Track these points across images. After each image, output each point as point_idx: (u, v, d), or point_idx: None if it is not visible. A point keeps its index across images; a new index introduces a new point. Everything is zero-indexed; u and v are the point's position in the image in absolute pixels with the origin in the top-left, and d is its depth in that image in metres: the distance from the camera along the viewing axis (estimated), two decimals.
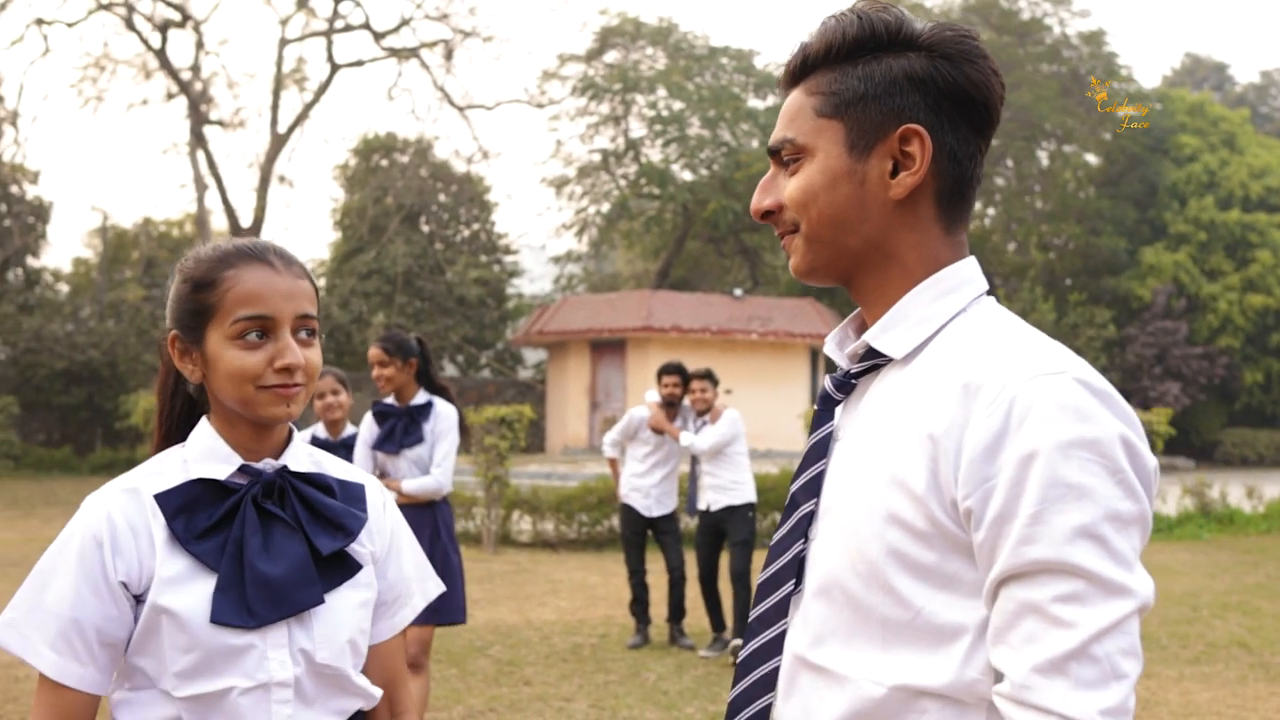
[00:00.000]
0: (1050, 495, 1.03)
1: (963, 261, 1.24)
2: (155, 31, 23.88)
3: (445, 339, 25.13)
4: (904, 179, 1.20)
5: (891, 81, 1.20)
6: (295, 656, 1.49)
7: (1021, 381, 1.06)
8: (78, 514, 1.50)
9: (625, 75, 27.05)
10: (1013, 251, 30.73)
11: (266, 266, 1.52)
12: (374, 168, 26.53)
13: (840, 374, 1.28)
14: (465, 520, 12.11)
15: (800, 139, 1.23)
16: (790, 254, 1.28)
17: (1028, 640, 1.02)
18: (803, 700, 1.19)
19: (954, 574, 1.09)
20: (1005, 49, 28.13)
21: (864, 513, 1.14)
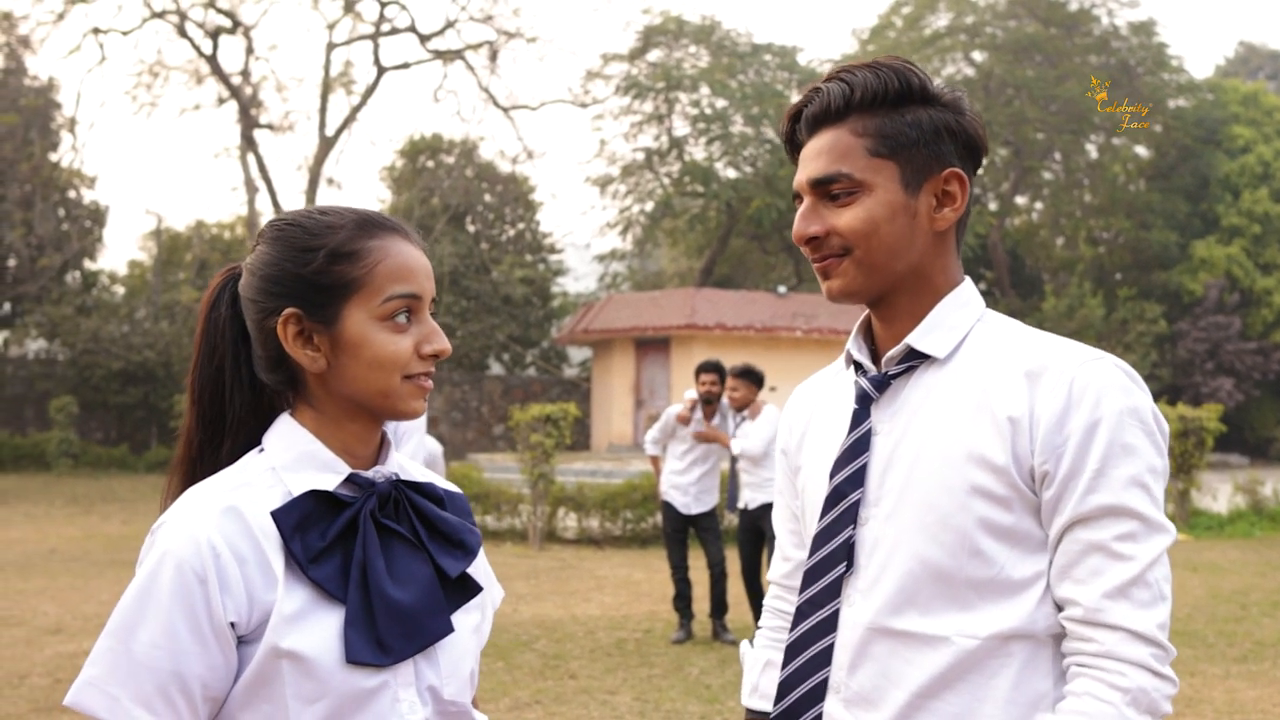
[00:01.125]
0: (1110, 453, 1.30)
1: (967, 279, 1.49)
2: (207, 38, 24.30)
3: (491, 337, 25.34)
4: (947, 214, 1.44)
5: (935, 131, 1.43)
6: (423, 695, 1.29)
7: (1075, 365, 1.33)
8: (161, 541, 1.23)
9: (668, 74, 27.10)
10: (1061, 246, 30.42)
11: (407, 239, 1.34)
12: (420, 169, 26.80)
13: (878, 375, 1.46)
14: (511, 517, 12.26)
15: (858, 174, 1.40)
16: (833, 277, 1.44)
17: (1093, 573, 1.29)
18: (881, 667, 1.37)
19: (1027, 531, 1.34)
20: (1052, 41, 27.84)
21: (944, 488, 1.35)
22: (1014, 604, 1.32)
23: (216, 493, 1.26)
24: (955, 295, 1.45)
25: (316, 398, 1.33)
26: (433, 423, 23.75)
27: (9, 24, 22.59)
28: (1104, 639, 1.27)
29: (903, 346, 1.43)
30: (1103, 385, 1.32)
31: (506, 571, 9.78)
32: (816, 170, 1.42)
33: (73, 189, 23.66)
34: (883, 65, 1.43)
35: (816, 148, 1.43)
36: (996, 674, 1.32)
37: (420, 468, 1.48)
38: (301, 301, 1.29)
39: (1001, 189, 30.15)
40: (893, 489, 1.39)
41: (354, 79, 25.89)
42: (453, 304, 24.99)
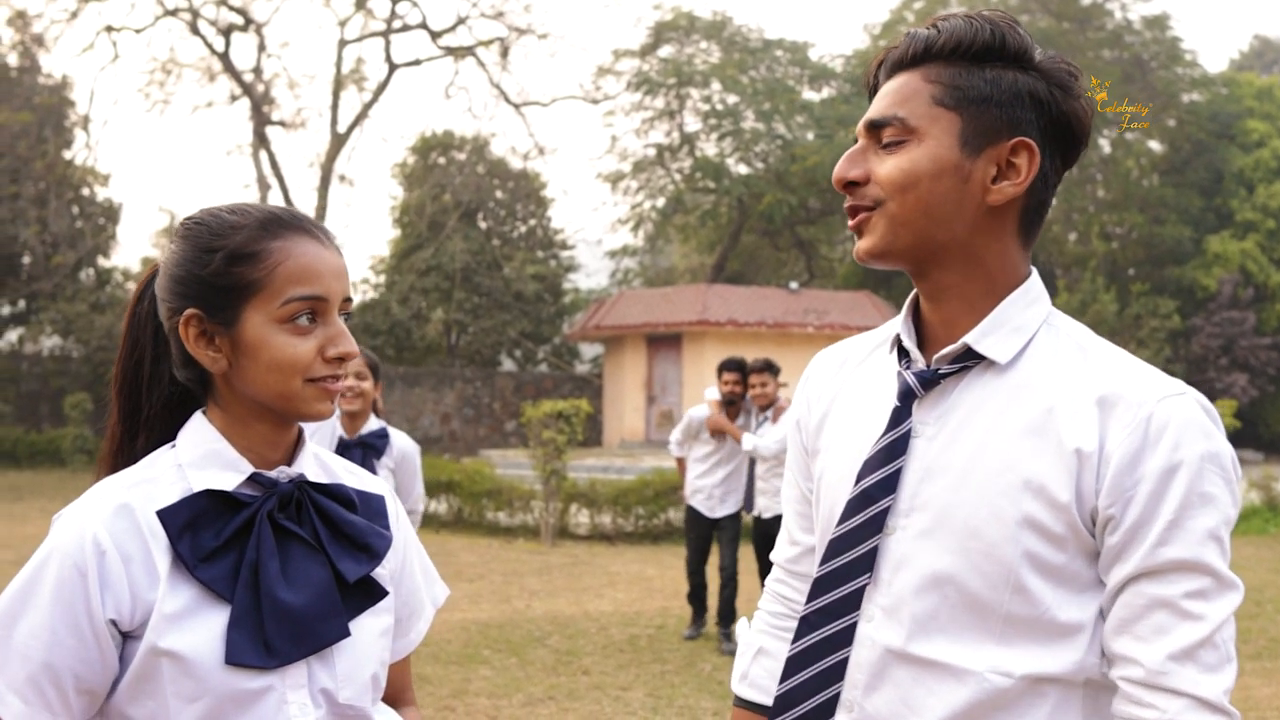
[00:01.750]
0: (1187, 503, 1.17)
1: (1035, 273, 1.33)
2: (219, 35, 24.36)
3: (503, 334, 25.37)
4: (1005, 187, 1.26)
5: (1016, 94, 1.26)
6: (315, 698, 1.28)
7: (1154, 401, 1.20)
8: (52, 535, 1.24)
9: (679, 70, 27.07)
10: (1074, 241, 30.30)
11: (313, 239, 1.31)
12: (432, 165, 26.83)
13: (926, 371, 1.30)
14: (524, 513, 12.28)
15: (913, 120, 1.26)
16: (863, 232, 1.30)
17: (1158, 631, 1.17)
18: (902, 693, 1.26)
19: (1077, 573, 1.22)
20: (1065, 35, 27.72)
21: (991, 515, 1.21)
22: (1056, 647, 1.22)
23: (115, 489, 1.27)
24: (1024, 291, 1.30)
25: (223, 397, 1.32)
26: (444, 419, 23.80)
27: (23, 22, 22.68)
28: (1167, 706, 1.15)
29: (960, 345, 1.28)
30: (1183, 425, 1.18)
31: (519, 567, 9.81)
32: (874, 112, 1.30)
33: (86, 186, 23.75)
34: (978, 16, 1.29)
35: (886, 91, 1.30)
36: (1025, 714, 1.22)
37: (343, 466, 1.45)
38: (202, 302, 1.28)
39: None
40: (931, 503, 1.26)
41: (366, 76, 25.92)
42: (464, 300, 25.02)
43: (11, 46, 22.93)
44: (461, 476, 12.69)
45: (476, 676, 5.96)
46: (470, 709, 5.35)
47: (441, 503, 12.93)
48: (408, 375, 23.65)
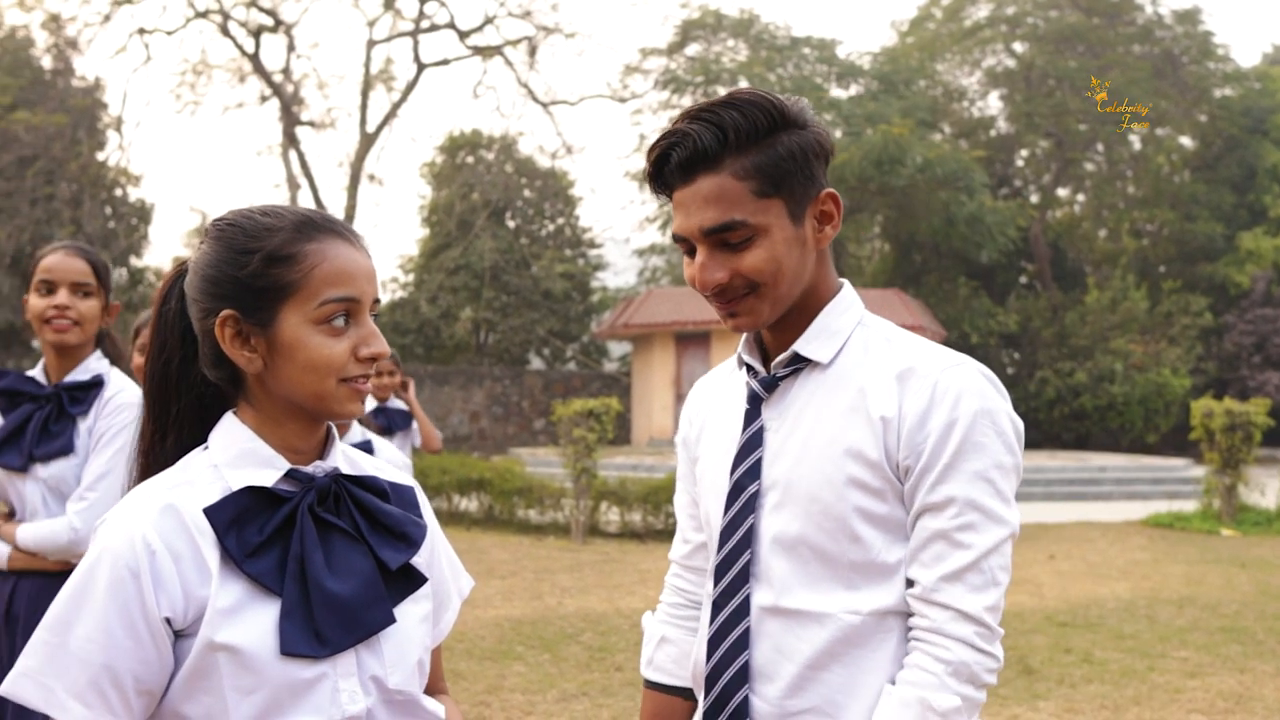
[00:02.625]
0: (960, 450, 1.42)
1: (846, 284, 1.60)
2: (249, 37, 24.58)
3: (532, 332, 25.46)
4: (828, 232, 1.52)
5: (804, 155, 1.48)
6: (366, 685, 1.31)
7: (939, 369, 1.46)
8: (100, 539, 1.26)
9: (707, 68, 27.08)
10: (1104, 239, 30.09)
11: (346, 242, 1.34)
12: (460, 165, 26.96)
13: (767, 378, 1.56)
14: (554, 511, 12.34)
15: (751, 220, 1.45)
16: (741, 315, 1.51)
17: (936, 558, 1.43)
18: (774, 642, 1.49)
19: (899, 520, 1.47)
20: (1095, 31, 27.52)
21: (825, 481, 1.47)
22: (889, 584, 1.46)
23: (156, 491, 1.29)
24: (837, 302, 1.55)
25: (256, 397, 1.34)
26: (474, 417, 23.91)
27: (57, 25, 22.96)
28: (935, 616, 1.41)
29: (789, 353, 1.53)
30: (961, 388, 1.44)
31: (550, 565, 9.86)
32: (709, 220, 1.45)
33: (119, 187, 24.02)
34: (743, 101, 1.45)
35: (700, 194, 1.45)
36: (877, 648, 1.45)
37: (369, 461, 1.48)
38: (238, 304, 1.30)
39: (1043, 181, 29.87)
40: (779, 480, 1.51)
41: (394, 76, 26.10)
42: (493, 299, 25.13)
43: (46, 49, 23.22)
44: (492, 474, 12.75)
45: (510, 673, 6.02)
46: (505, 705, 5.40)
47: (472, 500, 13.01)
48: (437, 374, 23.78)
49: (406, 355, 24.72)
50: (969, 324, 25.25)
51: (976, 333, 25.30)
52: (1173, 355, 24.24)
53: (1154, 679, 5.96)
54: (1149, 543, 11.74)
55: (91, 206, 22.46)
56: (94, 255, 2.80)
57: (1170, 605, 8.12)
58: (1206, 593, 8.64)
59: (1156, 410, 23.66)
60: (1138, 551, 11.03)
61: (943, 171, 23.67)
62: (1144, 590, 8.75)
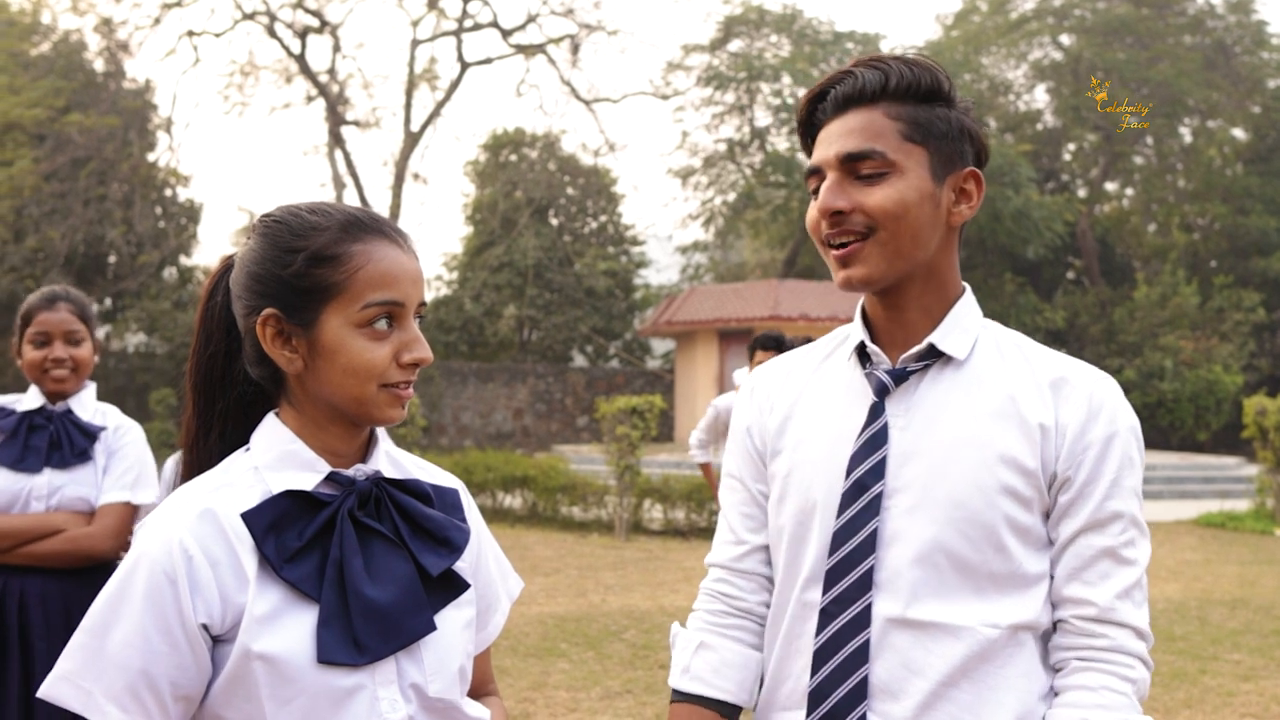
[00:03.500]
0: (1122, 465, 1.41)
1: (967, 286, 1.55)
2: (295, 38, 24.83)
3: (574, 330, 25.53)
4: (964, 210, 1.48)
5: (960, 130, 1.48)
6: (406, 693, 1.29)
7: (1092, 381, 1.45)
8: (138, 544, 1.25)
9: (750, 64, 26.99)
10: (1153, 233, 29.66)
11: (393, 243, 1.32)
12: (504, 163, 27.08)
13: (895, 370, 1.47)
14: (598, 508, 12.38)
15: (891, 154, 1.42)
16: (854, 263, 1.44)
17: (1103, 576, 1.40)
18: (901, 657, 1.40)
19: (1040, 532, 1.42)
20: (1144, 22, 27.11)
21: (973, 486, 1.40)
22: (1027, 597, 1.41)
23: (196, 495, 1.27)
24: (966, 299, 1.52)
25: (297, 398, 1.33)
26: (517, 414, 24.02)
27: (108, 29, 23.33)
28: (1116, 635, 1.39)
29: (925, 345, 1.46)
30: (1115, 402, 1.44)
31: (594, 562, 9.90)
32: (849, 146, 1.42)
33: (169, 187, 24.35)
34: (915, 61, 1.46)
35: (847, 126, 1.43)
36: (1009, 663, 1.39)
37: (413, 461, 1.45)
38: (281, 303, 1.29)
39: (1090, 175, 29.48)
40: (915, 483, 1.42)
41: (438, 75, 26.24)
42: (536, 296, 25.22)
43: (98, 53, 23.60)
44: (536, 472, 12.82)
45: (555, 669, 6.05)
46: (549, 701, 5.43)
47: (516, 498, 13.08)
48: (481, 371, 23.91)
49: (450, 353, 24.88)
50: (1015, 320, 24.99)
51: (1023, 329, 25.04)
52: (1224, 352, 23.84)
53: (1205, 682, 5.88)
54: (1200, 543, 11.56)
55: (142, 206, 22.80)
56: (80, 302, 2.94)
57: (1222, 607, 8.00)
58: (1260, 594, 8.50)
59: (1208, 408, 23.28)
60: (1188, 552, 10.87)
61: (989, 166, 23.38)
62: (1195, 591, 8.62)
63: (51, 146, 21.73)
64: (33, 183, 21.02)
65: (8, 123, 21.22)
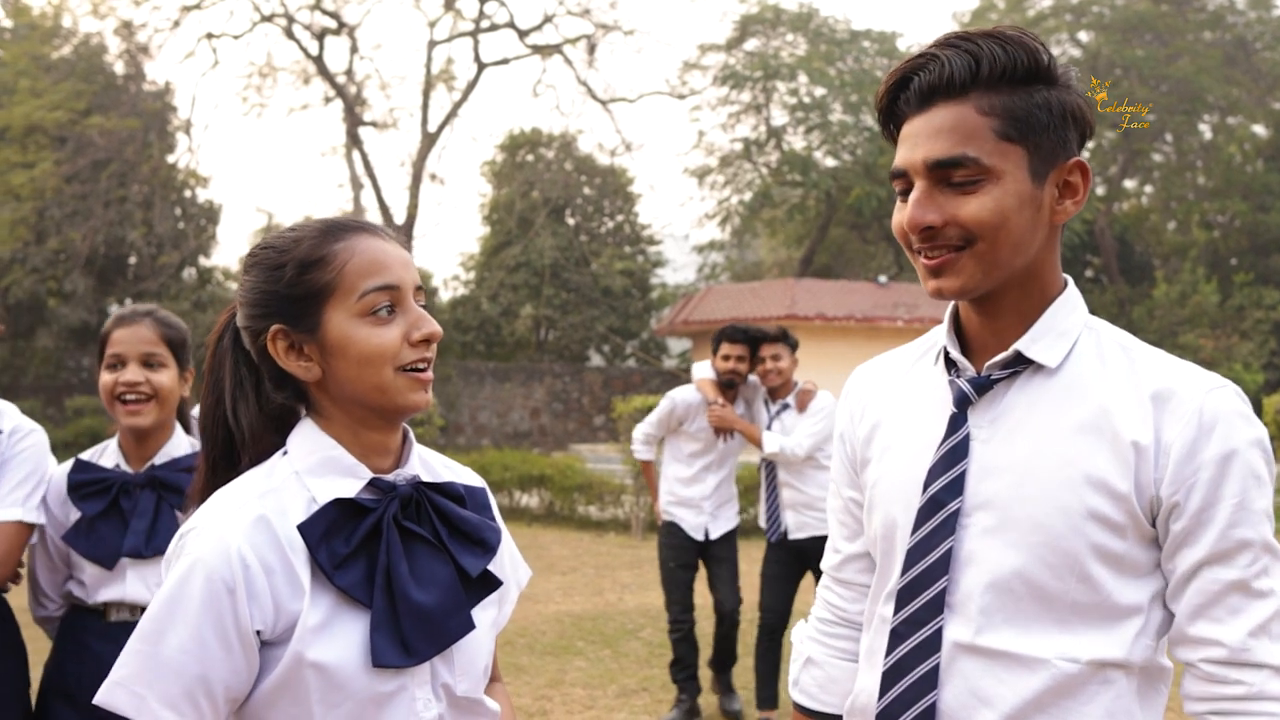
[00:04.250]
0: (1246, 485, 1.24)
1: (1070, 280, 1.39)
2: (313, 39, 24.95)
3: (591, 329, 25.57)
4: (1069, 207, 1.32)
5: (1063, 115, 1.29)
6: (437, 692, 1.33)
7: (1203, 394, 1.27)
8: (192, 548, 1.26)
9: (766, 63, 26.97)
10: (1172, 231, 29.49)
11: (374, 235, 1.35)
12: (520, 163, 27.13)
13: (980, 378, 1.35)
14: (614, 507, 12.40)
15: (986, 159, 1.26)
16: (947, 274, 1.30)
17: (1233, 612, 1.24)
18: (970, 685, 1.30)
19: (1135, 560, 1.28)
20: (1163, 18, 26.96)
21: (1056, 509, 1.27)
22: (1117, 631, 1.27)
23: (246, 500, 1.29)
24: (1065, 298, 1.36)
25: (324, 407, 1.35)
26: (534, 414, 24.08)
27: (129, 32, 23.49)
28: (1253, 679, 1.23)
29: (1011, 352, 1.33)
30: (1231, 414, 1.26)
31: (610, 561, 9.92)
32: (938, 151, 1.27)
33: (188, 189, 24.50)
34: (1009, 38, 1.28)
35: (934, 125, 1.28)
36: (1089, 701, 1.27)
37: (440, 461, 1.48)
38: (283, 316, 1.32)
39: (1109, 172, 29.34)
40: (993, 502, 1.31)
41: (455, 75, 26.31)
42: (553, 296, 25.27)
43: (118, 56, 23.77)
44: (553, 471, 12.85)
45: (571, 667, 6.07)
46: (566, 699, 5.46)
47: (533, 497, 13.11)
48: (498, 371, 23.98)
49: (468, 352, 24.96)
50: None
51: None
52: (1245, 350, 23.69)
53: None
54: None
55: (162, 208, 22.95)
56: (166, 321, 2.51)
57: None
58: None
59: None
60: None
61: None
62: None
63: (73, 149, 21.90)
64: (54, 185, 21.20)
65: (30, 125, 21.40)
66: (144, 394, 2.41)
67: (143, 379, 2.41)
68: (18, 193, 21.12)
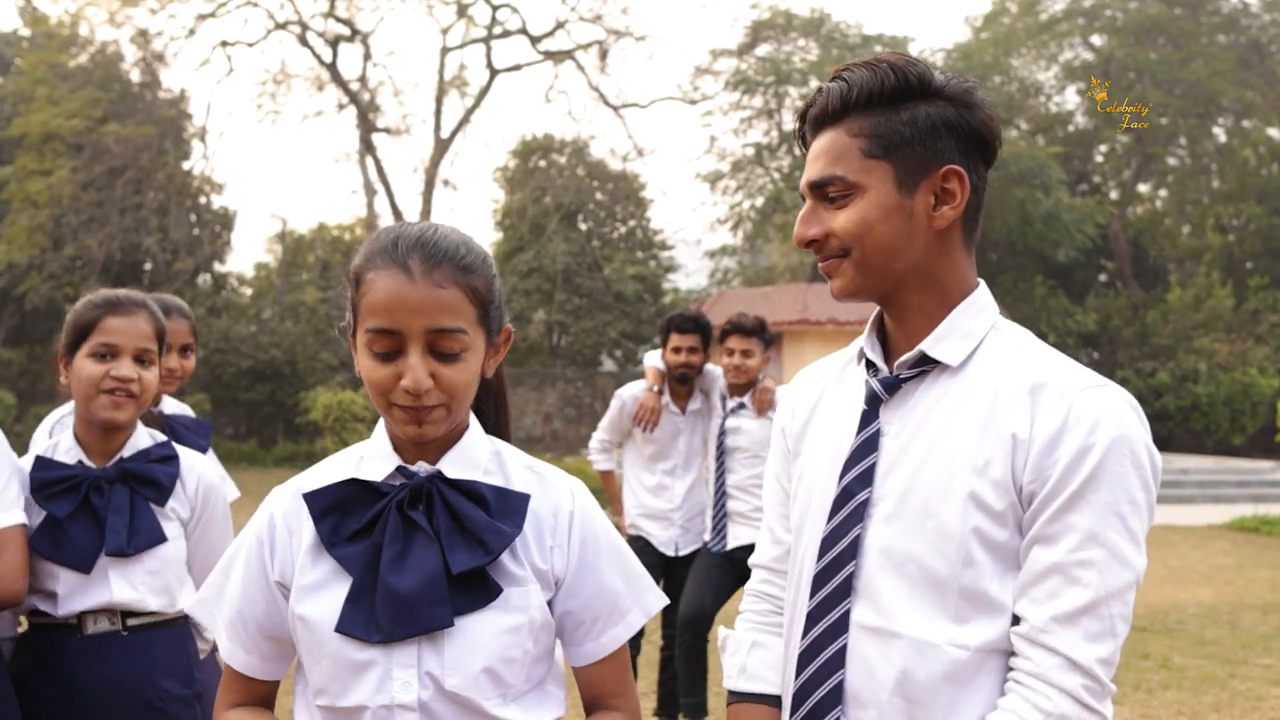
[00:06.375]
0: (1092, 478, 1.29)
1: (982, 283, 1.48)
2: (327, 47, 25.07)
3: (604, 334, 25.61)
4: (946, 212, 1.41)
5: (931, 127, 1.40)
6: (422, 679, 1.37)
7: (1076, 390, 1.33)
8: (257, 512, 1.50)
9: (778, 68, 26.98)
10: (1187, 235, 29.37)
11: (403, 273, 1.35)
12: (533, 169, 27.20)
13: (889, 377, 1.46)
14: None
15: (851, 176, 1.41)
16: (835, 277, 1.46)
17: (1050, 595, 1.29)
18: (869, 666, 1.38)
19: (1015, 549, 1.34)
20: (1176, 22, 26.87)
21: (945, 496, 1.35)
22: (998, 618, 1.33)
23: (305, 475, 1.51)
24: (971, 301, 1.44)
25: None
26: (547, 419, 24.12)
27: (145, 40, 23.64)
28: (1041, 661, 1.27)
29: (916, 352, 1.43)
30: (1101, 412, 1.31)
31: None
32: (814, 173, 1.44)
33: (203, 195, 24.64)
34: (881, 62, 1.41)
35: (817, 150, 1.44)
36: (978, 689, 1.33)
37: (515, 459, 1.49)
38: (349, 316, 1.43)
39: (1123, 177, 29.25)
40: (894, 491, 1.39)
41: (467, 82, 26.41)
42: (565, 302, 25.32)
43: (134, 64, 23.92)
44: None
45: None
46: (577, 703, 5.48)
47: None
48: (510, 376, 23.94)
49: None
50: (1046, 323, 24.82)
51: (1054, 333, 24.87)
52: (1260, 354, 23.58)
53: (1235, 686, 5.86)
54: (1233, 547, 11.47)
55: (177, 214, 23.08)
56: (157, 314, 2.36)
57: (1254, 611, 7.94)
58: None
59: (1243, 411, 23.03)
60: (1221, 556, 10.78)
61: (1018, 169, 23.30)
62: (1227, 596, 8.56)
63: (89, 156, 22.06)
64: (71, 192, 21.35)
65: (47, 133, 21.56)
66: (133, 391, 2.27)
67: (135, 376, 2.27)
68: (35, 200, 21.28)
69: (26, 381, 22.53)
